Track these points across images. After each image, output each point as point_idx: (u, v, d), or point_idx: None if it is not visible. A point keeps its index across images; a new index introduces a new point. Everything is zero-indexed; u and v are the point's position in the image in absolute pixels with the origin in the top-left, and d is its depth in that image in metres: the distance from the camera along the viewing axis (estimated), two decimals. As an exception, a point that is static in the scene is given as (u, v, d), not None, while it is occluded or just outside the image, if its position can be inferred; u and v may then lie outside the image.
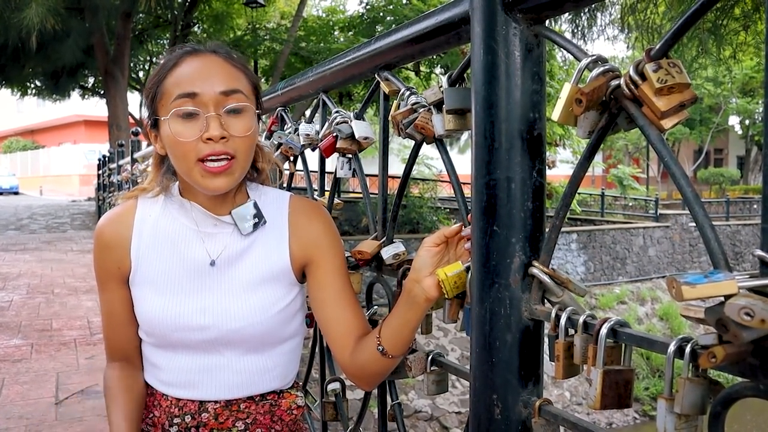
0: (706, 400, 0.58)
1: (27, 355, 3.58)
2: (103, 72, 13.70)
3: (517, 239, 0.77)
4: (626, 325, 0.68)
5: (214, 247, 1.08)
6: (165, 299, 1.06)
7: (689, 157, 32.12)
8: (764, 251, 0.51)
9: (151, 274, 1.08)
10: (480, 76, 0.79)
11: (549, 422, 0.76)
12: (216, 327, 1.05)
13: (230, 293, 1.07)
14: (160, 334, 1.07)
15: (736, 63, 12.31)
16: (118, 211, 1.13)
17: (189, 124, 0.98)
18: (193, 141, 0.98)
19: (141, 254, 1.08)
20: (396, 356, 1.02)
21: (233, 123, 1.00)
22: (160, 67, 1.04)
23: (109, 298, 1.12)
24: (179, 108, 0.98)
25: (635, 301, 12.95)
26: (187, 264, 1.07)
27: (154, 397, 1.13)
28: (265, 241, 1.09)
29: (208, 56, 1.03)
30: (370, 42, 1.15)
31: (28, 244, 9.03)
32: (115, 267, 1.09)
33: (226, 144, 0.98)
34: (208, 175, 0.99)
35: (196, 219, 1.08)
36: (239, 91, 1.01)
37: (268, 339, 1.09)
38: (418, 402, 9.13)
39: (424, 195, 13.95)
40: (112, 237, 1.10)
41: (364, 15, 14.41)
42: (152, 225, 1.09)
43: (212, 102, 0.98)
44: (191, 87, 0.98)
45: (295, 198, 1.15)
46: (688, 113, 0.64)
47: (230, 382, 1.09)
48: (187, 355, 1.08)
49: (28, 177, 30.27)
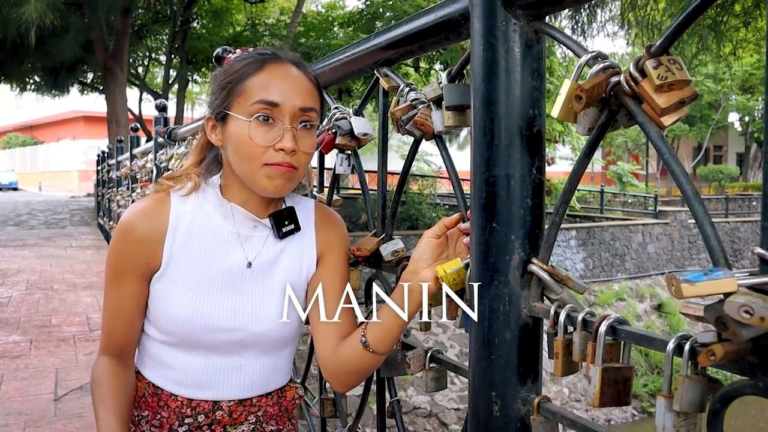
0: (705, 397, 0.58)
1: (26, 352, 3.58)
2: (102, 68, 13.68)
3: (516, 236, 0.77)
4: (625, 322, 0.68)
5: (251, 250, 1.09)
6: (196, 298, 1.05)
7: (689, 154, 32.12)
8: (764, 249, 0.50)
9: (183, 272, 1.06)
10: (479, 73, 0.79)
11: (548, 419, 0.76)
12: (245, 329, 1.07)
13: (262, 296, 1.09)
14: (187, 334, 1.06)
15: (736, 60, 12.29)
16: (151, 205, 1.09)
17: (265, 129, 1.01)
18: (264, 146, 1.01)
19: (174, 252, 1.07)
20: (377, 352, 1.02)
21: (303, 138, 1.03)
22: (244, 65, 1.05)
23: (121, 292, 1.08)
24: (260, 113, 1.01)
25: (634, 298, 12.96)
26: (224, 264, 1.07)
27: (159, 398, 1.10)
28: (294, 247, 1.12)
29: (290, 68, 1.06)
30: (369, 38, 1.14)
31: (27, 240, 9.03)
32: (143, 262, 1.07)
33: (294, 157, 1.02)
34: (275, 175, 1.01)
35: (237, 220, 1.09)
36: (314, 110, 1.05)
37: (284, 340, 1.12)
38: (416, 398, 9.15)
39: (424, 192, 13.94)
40: (146, 232, 1.06)
41: (363, 11, 14.38)
42: (188, 222, 1.08)
43: (290, 115, 1.02)
44: (276, 97, 1.01)
45: (318, 204, 1.19)
46: (687, 110, 0.64)
47: (245, 383, 1.10)
48: (204, 356, 1.08)
49: (27, 173, 30.24)
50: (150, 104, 12.87)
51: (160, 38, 17.04)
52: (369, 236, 1.21)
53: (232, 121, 1.03)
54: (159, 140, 3.91)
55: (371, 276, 1.23)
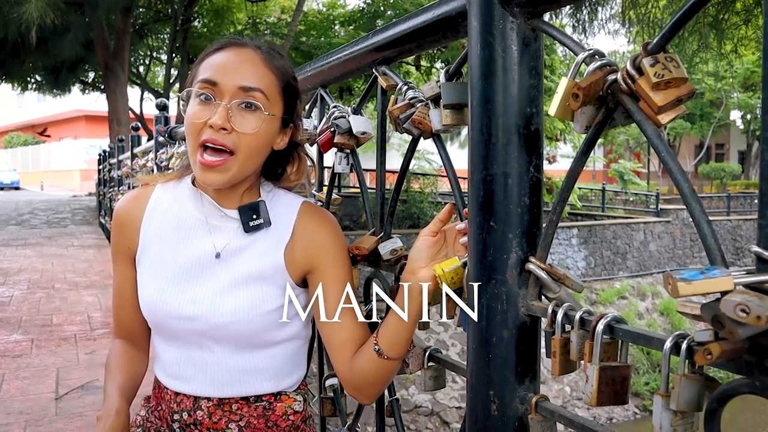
0: (702, 396, 0.58)
1: (27, 351, 3.58)
2: (104, 67, 13.69)
3: (514, 235, 0.77)
4: (623, 321, 0.67)
5: (220, 240, 1.08)
6: (161, 285, 1.08)
7: (690, 152, 32.07)
8: (761, 247, 0.50)
9: (154, 258, 1.10)
10: (477, 71, 0.79)
11: (546, 418, 0.76)
12: (203, 319, 1.05)
13: (221, 288, 1.06)
14: (154, 320, 1.10)
15: (738, 57, 12.26)
16: (136, 192, 1.17)
17: (203, 107, 1.01)
18: (200, 123, 1.00)
19: (149, 239, 1.11)
20: (392, 358, 1.01)
21: (242, 118, 1.00)
22: (205, 50, 1.07)
23: (119, 276, 1.15)
24: (201, 92, 1.01)
25: (636, 296, 12.95)
26: (191, 253, 1.08)
27: (160, 389, 1.14)
28: (264, 242, 1.08)
29: (247, 50, 1.04)
30: (367, 36, 1.14)
31: (28, 239, 9.04)
32: (126, 246, 1.13)
33: (226, 137, 0.99)
34: (203, 168, 1.00)
35: (205, 210, 1.09)
36: (258, 90, 1.01)
37: (257, 339, 1.07)
38: (418, 397, 9.15)
39: (425, 190, 13.94)
40: (126, 216, 1.13)
41: (364, 9, 14.38)
42: (163, 210, 1.12)
43: (228, 94, 1.00)
44: (214, 75, 1.00)
45: (306, 204, 1.13)
46: (685, 108, 0.64)
47: (221, 379, 1.08)
48: (179, 348, 1.10)
49: (29, 172, 30.27)
50: (151, 103, 12.87)
51: (161, 37, 17.05)
52: (368, 235, 1.21)
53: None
54: (160, 139, 3.91)
55: (370, 275, 1.23)
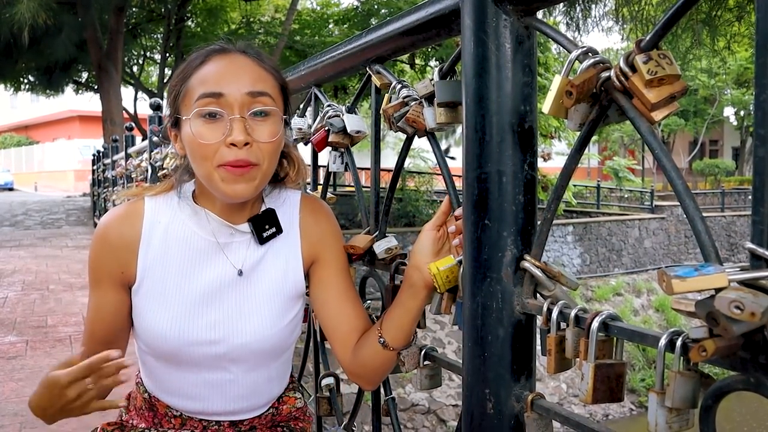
0: (697, 393, 0.58)
1: (22, 352, 3.57)
2: (97, 67, 13.63)
3: (508, 233, 0.77)
4: (618, 318, 0.67)
5: (236, 257, 1.03)
6: (176, 313, 1.01)
7: (684, 148, 32.16)
8: (755, 244, 0.50)
9: (159, 286, 1.02)
10: (470, 69, 0.79)
11: (541, 416, 0.76)
12: (225, 341, 1.02)
13: (242, 306, 1.03)
14: (168, 350, 1.02)
15: (731, 54, 12.30)
16: (125, 210, 1.06)
17: (212, 126, 0.93)
18: (216, 144, 0.93)
19: (149, 264, 1.02)
20: (397, 348, 1.01)
21: (258, 128, 0.95)
22: (186, 64, 0.99)
23: (99, 297, 1.07)
24: (202, 108, 0.93)
25: (631, 292, 12.99)
26: (208, 276, 1.02)
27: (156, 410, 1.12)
28: (279, 251, 1.06)
29: (236, 56, 0.98)
30: (360, 35, 1.14)
31: (22, 240, 9.00)
32: (118, 270, 1.03)
33: (250, 151, 0.93)
34: (229, 177, 0.94)
35: (213, 229, 1.03)
36: (266, 94, 0.96)
37: (275, 352, 1.07)
38: (414, 395, 9.16)
39: (420, 188, 13.94)
40: (119, 239, 1.03)
41: (358, 8, 14.37)
42: (162, 232, 1.03)
43: (237, 103, 0.93)
44: (217, 86, 0.93)
45: (304, 197, 1.12)
46: (678, 105, 0.64)
47: (236, 394, 1.07)
48: (192, 372, 1.05)
49: (22, 173, 30.15)
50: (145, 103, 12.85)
51: (154, 37, 16.99)
52: (363, 234, 1.20)
53: (183, 125, 0.97)
54: (154, 139, 3.90)
55: (365, 274, 1.23)
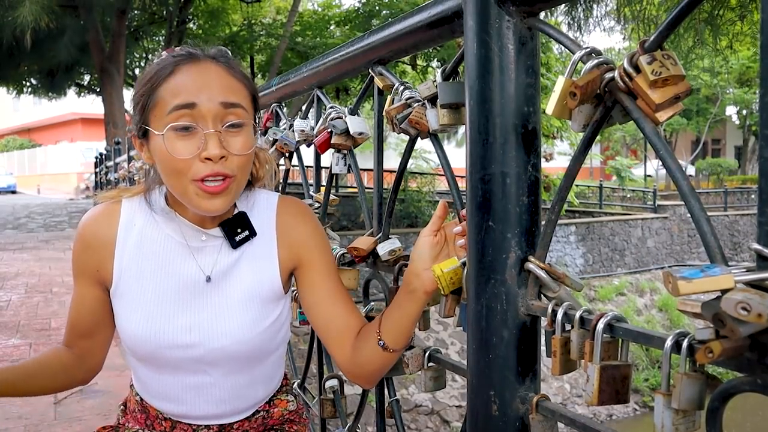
0: (703, 395, 0.58)
1: (25, 355, 3.57)
2: (99, 69, 13.65)
3: (512, 234, 0.77)
4: (623, 319, 0.67)
5: (206, 262, 1.03)
6: (149, 316, 1.01)
7: (687, 147, 32.11)
8: (761, 245, 0.50)
9: (135, 288, 1.02)
10: (473, 70, 0.78)
11: (546, 418, 0.76)
12: (202, 345, 1.01)
13: (217, 311, 1.02)
14: (146, 352, 1.03)
15: (733, 53, 12.29)
16: (102, 211, 1.06)
17: (186, 140, 0.92)
18: (190, 159, 0.91)
19: (125, 266, 1.03)
20: (397, 350, 1.01)
21: (233, 140, 0.94)
22: (154, 73, 0.95)
23: (79, 292, 1.08)
24: (176, 123, 0.91)
25: (634, 292, 12.96)
26: (177, 279, 1.02)
27: (148, 413, 1.11)
28: (253, 255, 1.05)
29: (206, 64, 0.96)
30: (363, 37, 1.14)
31: (26, 243, 9.01)
32: (94, 268, 1.04)
33: (225, 164, 0.93)
34: (205, 195, 0.93)
35: (185, 232, 1.03)
36: (239, 105, 0.95)
37: (255, 356, 1.06)
38: (418, 396, 9.15)
39: (422, 189, 13.94)
40: (95, 239, 1.04)
41: (359, 9, 14.37)
42: (137, 235, 1.03)
43: (211, 115, 0.92)
44: (190, 97, 0.91)
45: (282, 200, 1.11)
46: (683, 105, 0.63)
47: (218, 398, 1.07)
48: (171, 375, 1.05)
49: (25, 176, 30.21)
50: (147, 105, 12.82)
51: (156, 39, 17.01)
52: (366, 235, 1.20)
53: (153, 137, 0.95)
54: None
55: (369, 276, 1.22)
